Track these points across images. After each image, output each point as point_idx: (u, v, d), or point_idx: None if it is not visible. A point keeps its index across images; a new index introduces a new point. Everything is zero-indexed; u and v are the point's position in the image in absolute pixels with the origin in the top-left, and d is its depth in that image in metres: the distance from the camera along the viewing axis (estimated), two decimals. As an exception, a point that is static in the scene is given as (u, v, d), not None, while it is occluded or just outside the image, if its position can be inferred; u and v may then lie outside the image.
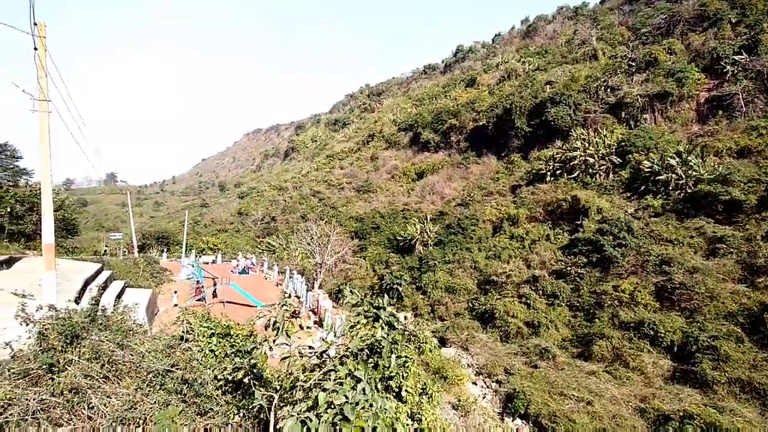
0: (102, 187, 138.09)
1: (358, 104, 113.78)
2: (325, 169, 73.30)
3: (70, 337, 6.60)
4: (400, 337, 6.94)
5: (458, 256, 35.65)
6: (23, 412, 5.31)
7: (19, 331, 6.32)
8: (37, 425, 5.28)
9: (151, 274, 27.97)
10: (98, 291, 14.07)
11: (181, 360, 8.08)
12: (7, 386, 5.48)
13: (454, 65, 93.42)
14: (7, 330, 6.09)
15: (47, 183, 10.19)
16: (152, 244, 52.74)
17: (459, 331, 27.39)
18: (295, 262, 37.89)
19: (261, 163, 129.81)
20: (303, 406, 5.91)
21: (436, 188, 49.14)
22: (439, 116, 60.30)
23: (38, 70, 9.60)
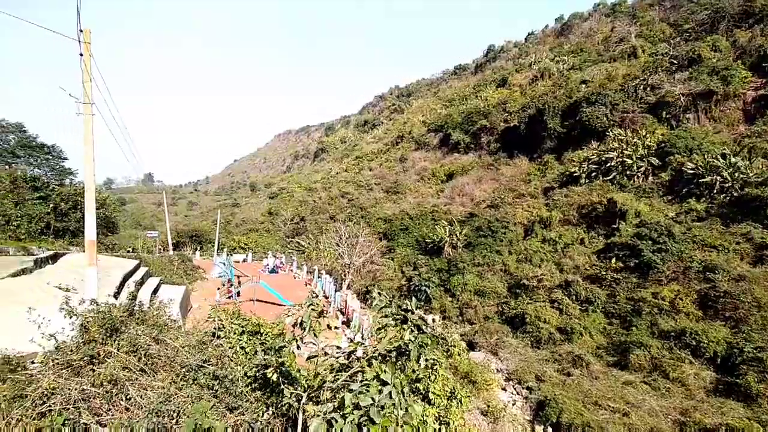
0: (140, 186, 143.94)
1: (387, 105, 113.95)
2: (354, 170, 73.71)
3: (109, 331, 6.85)
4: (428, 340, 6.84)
5: (488, 258, 35.04)
6: (65, 401, 5.53)
7: (63, 323, 6.61)
8: (78, 414, 5.49)
9: (185, 272, 28.85)
10: (136, 286, 14.62)
11: (213, 356, 8.26)
12: (51, 376, 5.73)
13: (485, 65, 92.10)
14: (52, 322, 6.38)
15: (90, 182, 10.57)
16: (186, 243, 54.46)
17: (488, 335, 26.92)
18: (323, 262, 38.27)
19: (291, 163, 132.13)
20: (329, 406, 5.91)
21: (465, 190, 48.50)
22: (470, 117, 59.55)
23: (83, 75, 9.99)
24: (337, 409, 5.68)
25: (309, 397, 6.36)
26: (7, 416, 5.07)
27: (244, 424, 6.84)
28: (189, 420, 5.94)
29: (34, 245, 21.44)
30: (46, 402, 5.40)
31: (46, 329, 6.20)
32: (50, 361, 6.06)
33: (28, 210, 24.27)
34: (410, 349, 6.44)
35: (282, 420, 7.21)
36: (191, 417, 6.00)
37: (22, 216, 23.57)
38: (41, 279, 11.41)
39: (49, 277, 11.11)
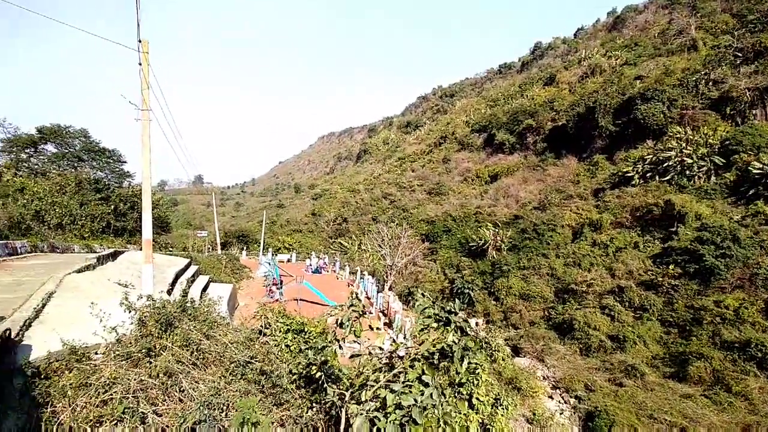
0: (190, 188, 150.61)
1: (430, 106, 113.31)
2: (397, 172, 73.75)
3: (164, 325, 7.19)
4: (471, 343, 6.69)
5: (534, 262, 33.92)
6: (125, 390, 5.85)
7: (123, 317, 7.02)
8: (137, 403, 5.79)
9: (232, 271, 29.82)
10: (187, 284, 15.31)
11: (259, 353, 8.48)
12: (113, 366, 6.10)
13: (531, 63, 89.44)
14: (113, 316, 6.79)
15: (147, 184, 11.11)
16: (233, 242, 56.45)
17: (534, 341, 26.03)
18: (366, 263, 38.54)
19: (334, 165, 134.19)
20: (372, 404, 5.90)
21: (510, 191, 47.24)
22: (515, 116, 57.99)
23: (141, 83, 10.54)
24: (380, 409, 5.67)
25: (352, 395, 6.39)
26: (73, 403, 5.44)
27: (289, 420, 6.97)
28: (238, 414, 6.13)
29: (96, 243, 23.09)
30: (108, 391, 5.74)
31: (107, 322, 6.60)
32: (111, 352, 6.45)
33: (92, 210, 26.12)
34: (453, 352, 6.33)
35: (325, 417, 7.29)
36: (240, 410, 6.19)
37: (86, 216, 25.40)
38: (103, 275, 12.21)
39: (110, 274, 11.85)
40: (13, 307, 7.82)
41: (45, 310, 7.95)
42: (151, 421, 5.68)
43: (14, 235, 18.15)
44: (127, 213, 29.54)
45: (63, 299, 8.86)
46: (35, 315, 7.49)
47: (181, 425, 5.71)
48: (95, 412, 5.45)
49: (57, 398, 5.44)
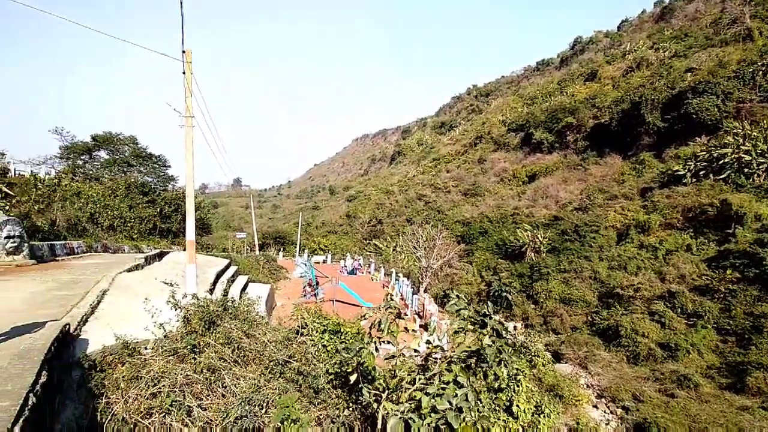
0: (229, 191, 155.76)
1: (464, 106, 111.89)
2: (431, 173, 73.28)
3: (207, 323, 7.41)
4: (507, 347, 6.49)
5: (575, 264, 32.69)
6: (172, 384, 6.07)
7: (169, 315, 7.29)
8: (183, 397, 5.99)
9: (270, 271, 30.46)
10: (227, 284, 15.78)
11: (297, 352, 8.59)
12: (161, 361, 6.34)
13: (571, 59, 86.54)
14: (161, 313, 7.06)
15: (191, 188, 11.50)
16: (270, 244, 57.77)
17: (576, 347, 25.07)
18: (400, 265, 38.46)
19: (368, 167, 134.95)
20: (407, 406, 5.83)
21: (549, 191, 45.81)
22: (554, 114, 56.23)
23: (185, 91, 10.93)
24: (415, 411, 5.60)
25: (387, 397, 6.35)
26: (125, 395, 5.69)
27: (326, 419, 7.01)
28: (278, 410, 6.22)
29: (144, 244, 24.24)
30: (157, 384, 5.98)
31: (156, 319, 6.88)
32: (160, 348, 6.71)
33: (139, 213, 27.45)
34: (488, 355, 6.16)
35: (361, 418, 7.28)
36: (280, 407, 6.28)
37: (134, 218, 26.72)
38: (150, 274, 12.77)
39: (157, 273, 12.36)
40: (71, 303, 8.29)
41: (99, 307, 8.38)
42: (197, 415, 5.86)
43: (71, 236, 19.34)
44: (172, 215, 30.85)
45: (115, 297, 9.32)
46: (91, 311, 7.89)
47: (224, 420, 5.86)
48: (145, 404, 5.68)
49: (111, 390, 5.69)
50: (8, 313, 7.46)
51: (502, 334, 6.58)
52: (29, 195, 19.24)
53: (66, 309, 7.82)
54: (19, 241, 12.92)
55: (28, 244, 13.39)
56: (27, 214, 17.24)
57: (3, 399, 3.60)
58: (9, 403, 3.54)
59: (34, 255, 13.61)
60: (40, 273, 11.66)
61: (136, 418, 5.48)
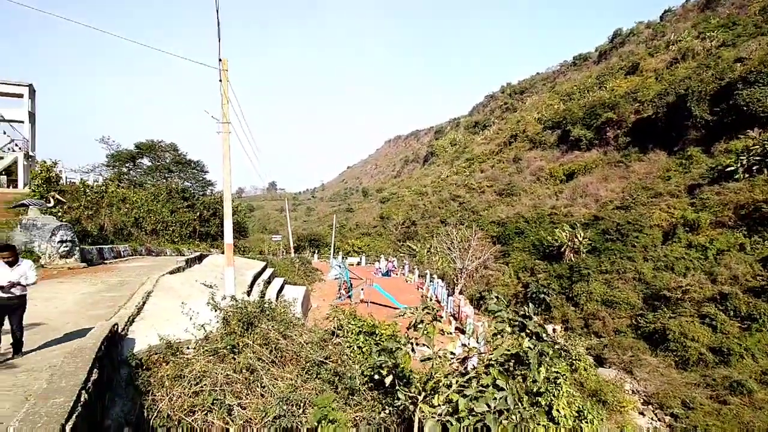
0: (265, 194, 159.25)
1: (498, 104, 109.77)
2: (465, 173, 72.34)
3: (246, 324, 7.58)
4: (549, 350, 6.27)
5: (617, 265, 31.32)
6: (213, 383, 6.24)
7: (209, 316, 7.51)
8: (223, 396, 6.15)
9: (305, 273, 30.89)
10: (264, 285, 16.14)
11: (332, 353, 8.65)
12: (202, 361, 6.53)
13: (610, 52, 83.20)
14: (201, 314, 7.28)
15: (228, 192, 11.86)
16: (305, 246, 58.63)
17: (620, 351, 24.04)
18: (435, 267, 38.14)
19: (401, 168, 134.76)
20: (444, 409, 5.73)
21: (588, 190, 44.15)
22: (593, 110, 54.19)
23: (222, 98, 11.29)
24: (452, 413, 5.50)
25: (423, 399, 6.28)
26: (169, 393, 5.89)
27: (362, 421, 7.00)
28: (316, 410, 6.27)
29: (184, 247, 25.19)
30: (199, 383, 6.17)
31: (197, 320, 7.10)
32: (201, 348, 6.93)
33: (180, 217, 28.50)
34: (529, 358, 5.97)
35: (398, 420, 7.23)
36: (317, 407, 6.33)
37: (175, 222, 27.78)
38: (191, 276, 13.26)
39: (197, 275, 12.81)
40: (118, 304, 8.71)
41: (144, 308, 8.76)
42: (237, 414, 6.00)
43: (118, 240, 20.40)
44: (210, 219, 31.85)
45: (159, 298, 9.71)
46: (137, 312, 8.26)
47: (263, 418, 5.97)
48: (188, 402, 5.86)
49: (156, 388, 5.91)
50: (62, 314, 7.94)
51: (542, 337, 6.38)
52: (80, 201, 20.42)
53: (114, 310, 8.22)
54: (71, 245, 13.74)
55: (79, 248, 14.21)
56: (78, 219, 18.30)
57: (58, 395, 3.76)
58: (63, 399, 3.70)
59: (85, 258, 14.43)
60: (90, 275, 12.34)
61: (180, 415, 5.67)
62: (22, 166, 28.96)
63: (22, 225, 13.65)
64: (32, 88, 30.96)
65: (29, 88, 30.60)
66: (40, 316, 7.62)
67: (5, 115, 30.07)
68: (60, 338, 6.45)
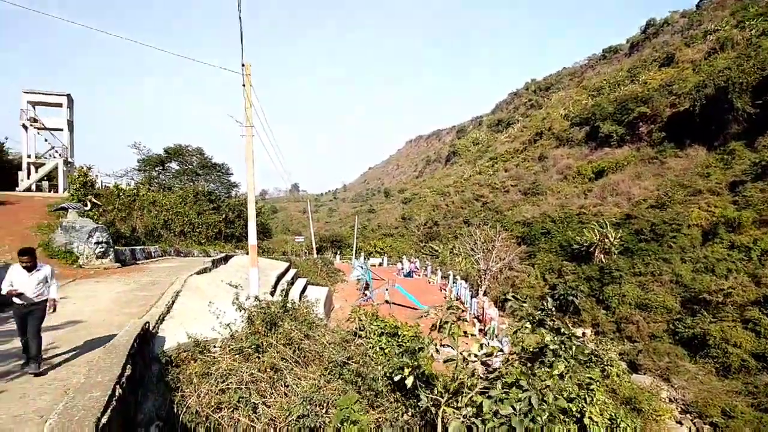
0: (287, 196, 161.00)
1: (522, 102, 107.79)
2: (489, 172, 71.33)
3: (269, 324, 7.64)
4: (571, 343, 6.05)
5: (652, 267, 30.14)
6: (239, 382, 6.30)
7: (235, 315, 7.60)
8: (249, 394, 6.20)
9: (327, 274, 31.06)
10: (287, 286, 16.30)
11: (355, 354, 8.61)
12: (228, 359, 6.61)
13: (642, 44, 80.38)
14: (227, 314, 7.37)
15: (252, 195, 12.03)
16: (327, 247, 58.99)
17: (656, 357, 23.16)
18: (458, 268, 37.70)
19: (423, 168, 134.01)
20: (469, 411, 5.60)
21: (620, 188, 42.69)
22: (624, 105, 52.43)
23: (245, 102, 11.44)
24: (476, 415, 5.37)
25: (447, 401, 6.18)
26: (198, 390, 5.99)
27: (385, 423, 6.93)
28: (338, 411, 6.24)
29: (211, 248, 25.77)
30: (225, 381, 6.25)
31: (223, 319, 7.20)
32: (227, 346, 7.01)
33: (206, 219, 29.17)
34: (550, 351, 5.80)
35: (421, 422, 7.13)
36: (340, 408, 6.29)
37: (202, 224, 28.44)
38: (217, 277, 13.50)
39: (223, 276, 13.03)
40: (149, 303, 8.95)
41: (174, 307, 8.96)
42: (262, 412, 6.04)
43: (149, 241, 21.07)
44: (235, 221, 32.46)
45: (187, 298, 9.93)
46: (167, 311, 8.45)
47: (287, 417, 5.99)
48: (215, 399, 5.95)
49: (185, 385, 6.02)
50: (99, 312, 8.24)
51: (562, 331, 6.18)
52: (113, 204, 21.18)
53: (145, 308, 8.45)
54: (106, 246, 14.26)
55: (113, 249, 14.74)
56: (112, 221, 18.97)
57: (94, 390, 3.92)
58: (99, 393, 3.85)
59: (118, 259, 14.94)
60: (124, 275, 12.77)
61: (207, 412, 5.75)
62: (61, 171, 30.39)
63: (62, 227, 14.27)
64: (70, 97, 32.37)
65: (67, 97, 32.02)
66: (80, 314, 7.96)
67: (46, 124, 31.62)
68: (97, 335, 6.66)
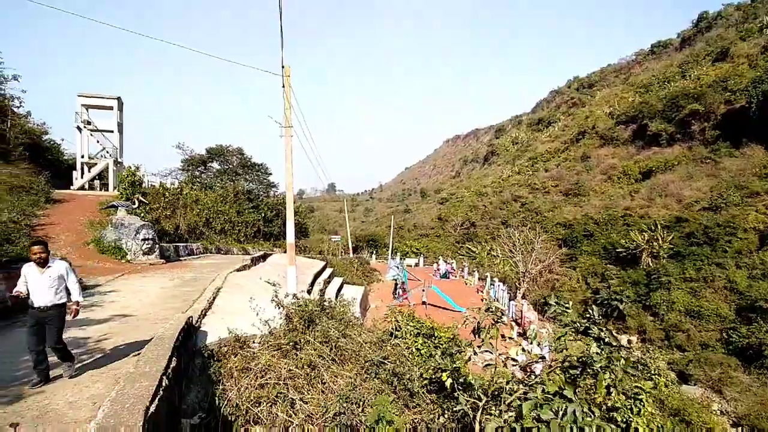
0: (324, 195, 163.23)
1: (564, 100, 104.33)
2: (528, 172, 69.53)
3: (307, 322, 7.74)
4: (619, 356, 5.75)
5: (704, 272, 28.40)
6: (277, 377, 6.43)
7: (273, 312, 7.76)
8: (287, 390, 6.32)
9: (363, 273, 31.15)
10: (324, 284, 16.52)
11: (391, 354, 8.59)
12: (267, 355, 6.76)
13: (695, 38, 75.96)
14: (266, 310, 7.54)
15: (290, 194, 12.24)
16: (363, 246, 59.32)
17: (708, 368, 21.82)
18: (496, 270, 36.94)
19: (460, 169, 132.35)
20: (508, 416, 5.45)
21: (669, 189, 40.49)
22: (675, 102, 49.70)
23: (284, 103, 11.67)
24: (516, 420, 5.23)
25: (485, 406, 6.04)
26: (238, 383, 6.16)
27: (421, 424, 6.87)
28: (374, 410, 6.24)
29: (250, 246, 26.51)
30: (264, 376, 6.40)
31: (261, 316, 7.37)
32: (266, 342, 7.17)
33: (246, 218, 30.04)
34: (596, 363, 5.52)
35: (457, 426, 7.02)
36: (376, 407, 6.30)
37: (242, 222, 29.31)
38: (256, 274, 13.86)
39: (261, 273, 13.36)
40: (192, 298, 9.31)
41: (215, 303, 9.27)
42: (299, 408, 6.13)
43: (191, 239, 21.97)
44: (273, 220, 33.22)
45: (227, 294, 10.25)
46: (208, 306, 8.75)
47: (323, 414, 6.05)
48: (255, 393, 6.11)
49: (226, 378, 6.22)
50: (146, 305, 8.69)
51: (609, 341, 5.89)
52: (159, 203, 22.23)
53: (188, 303, 8.80)
54: (152, 243, 14.99)
55: (158, 246, 15.48)
56: (157, 219, 19.92)
57: (143, 379, 4.15)
58: (148, 383, 4.06)
59: (163, 255, 15.67)
60: (168, 271, 13.36)
61: (247, 405, 5.92)
62: (111, 171, 32.28)
63: (112, 224, 15.13)
64: (120, 100, 34.26)
65: (118, 100, 33.91)
66: (129, 307, 8.44)
67: (98, 126, 33.61)
68: (144, 327, 7.02)
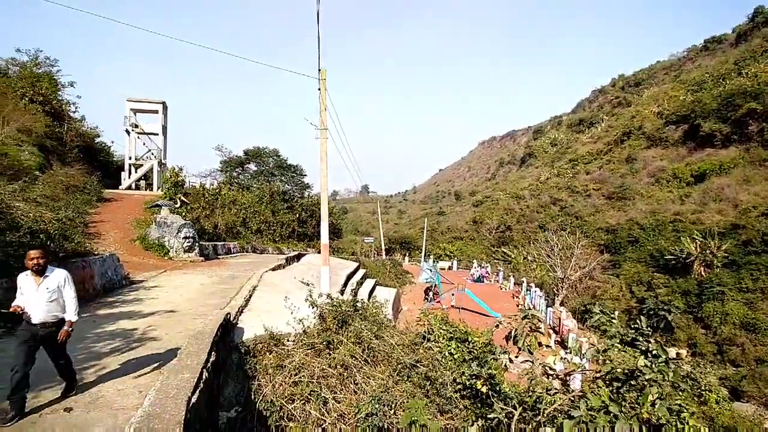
0: (358, 197, 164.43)
1: (608, 99, 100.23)
2: (568, 175, 67.21)
3: (340, 322, 7.80)
4: (669, 371, 5.42)
5: (762, 283, 26.44)
6: (310, 376, 6.51)
7: (307, 311, 7.86)
8: (320, 388, 6.38)
9: (396, 275, 31.14)
10: (356, 285, 16.62)
11: (423, 357, 8.51)
12: (301, 354, 6.85)
13: (751, 33, 71.07)
14: (300, 309, 7.65)
15: (325, 195, 12.42)
16: (396, 248, 59.30)
17: (763, 384, 20.32)
18: (532, 275, 35.95)
19: (496, 171, 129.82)
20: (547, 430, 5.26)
21: (725, 193, 37.99)
22: (730, 100, 46.64)
23: (320, 106, 11.86)
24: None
25: (521, 415, 5.87)
26: (272, 380, 6.28)
27: (454, 430, 6.76)
28: (407, 413, 6.19)
29: (284, 246, 27.08)
30: (298, 374, 6.50)
31: (296, 315, 7.48)
32: (300, 341, 7.27)
33: (281, 218, 30.72)
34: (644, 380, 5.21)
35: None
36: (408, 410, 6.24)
37: (277, 223, 29.99)
38: (290, 273, 14.16)
39: (295, 273, 13.63)
40: (229, 296, 9.60)
41: (251, 300, 9.52)
42: (332, 406, 6.18)
43: (229, 238, 22.71)
44: (307, 220, 33.84)
45: (263, 292, 10.50)
46: (245, 303, 9.00)
47: (356, 414, 6.06)
48: (289, 390, 6.22)
49: (261, 374, 6.37)
50: (187, 301, 9.03)
51: (657, 353, 5.57)
52: (199, 202, 23.13)
53: (226, 300, 9.08)
54: (192, 241, 15.63)
55: (198, 244, 16.12)
56: (197, 218, 20.74)
57: (185, 371, 4.36)
58: (189, 375, 4.27)
59: (202, 253, 16.30)
60: (207, 268, 13.87)
61: (281, 402, 6.03)
62: (156, 172, 34.02)
63: (156, 222, 15.89)
64: (165, 104, 35.99)
65: (162, 104, 35.64)
66: (172, 302, 8.88)
67: (144, 129, 35.45)
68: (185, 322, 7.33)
